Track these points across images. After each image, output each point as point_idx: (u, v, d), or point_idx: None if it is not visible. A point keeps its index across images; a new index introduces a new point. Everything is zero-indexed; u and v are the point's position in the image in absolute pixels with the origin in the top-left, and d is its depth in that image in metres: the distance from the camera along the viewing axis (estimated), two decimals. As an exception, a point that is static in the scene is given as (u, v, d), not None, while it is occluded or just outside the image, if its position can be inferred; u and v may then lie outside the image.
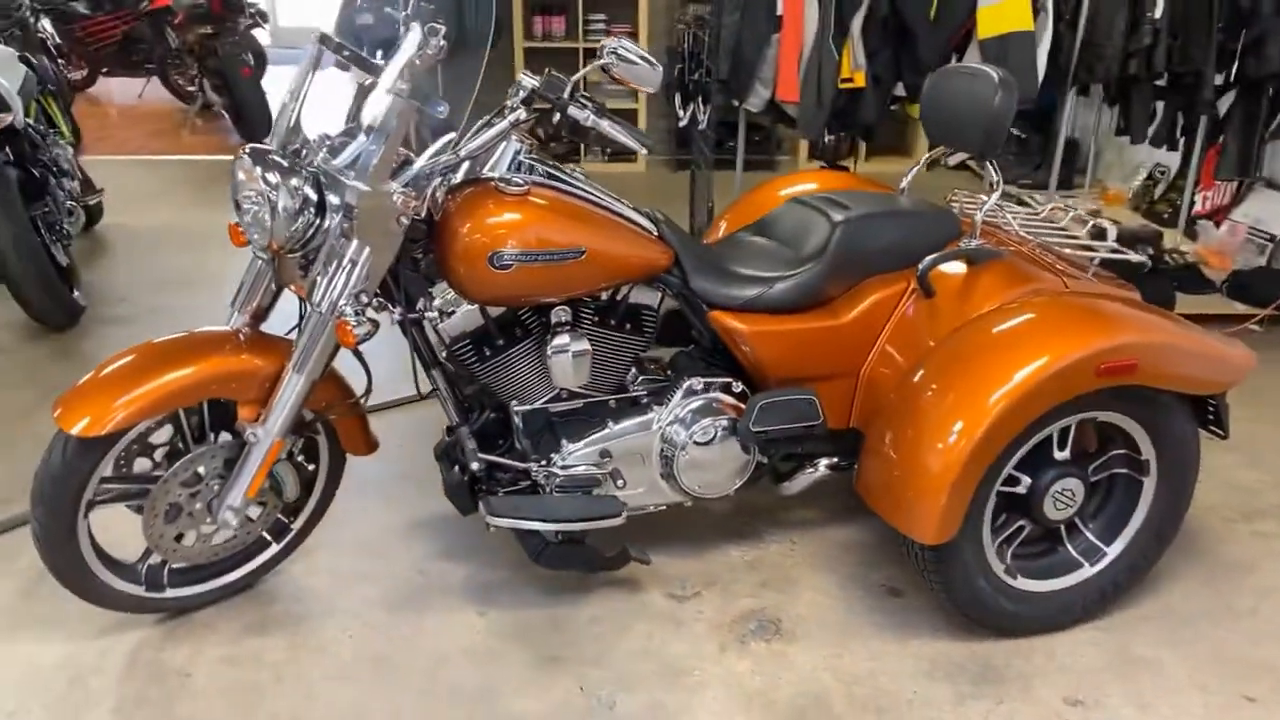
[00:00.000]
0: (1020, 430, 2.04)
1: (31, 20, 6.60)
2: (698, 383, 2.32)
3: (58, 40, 8.31)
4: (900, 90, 3.71)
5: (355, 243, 1.97)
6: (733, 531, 2.63)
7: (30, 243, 3.63)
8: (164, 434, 2.17)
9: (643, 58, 2.05)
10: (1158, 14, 3.57)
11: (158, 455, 2.18)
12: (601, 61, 2.05)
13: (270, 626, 2.27)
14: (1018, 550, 2.25)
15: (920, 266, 2.29)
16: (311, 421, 2.27)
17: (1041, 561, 2.28)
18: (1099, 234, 2.57)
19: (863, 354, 2.39)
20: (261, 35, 8.01)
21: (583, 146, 6.53)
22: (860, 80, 3.57)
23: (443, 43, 2.20)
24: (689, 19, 4.34)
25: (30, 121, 4.15)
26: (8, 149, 3.64)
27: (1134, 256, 2.50)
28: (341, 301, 1.98)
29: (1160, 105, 4.20)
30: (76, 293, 3.97)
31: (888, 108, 3.74)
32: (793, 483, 2.48)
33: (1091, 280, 2.39)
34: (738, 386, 2.35)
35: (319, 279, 2.01)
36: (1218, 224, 4.68)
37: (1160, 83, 3.95)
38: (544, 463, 2.26)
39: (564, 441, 2.26)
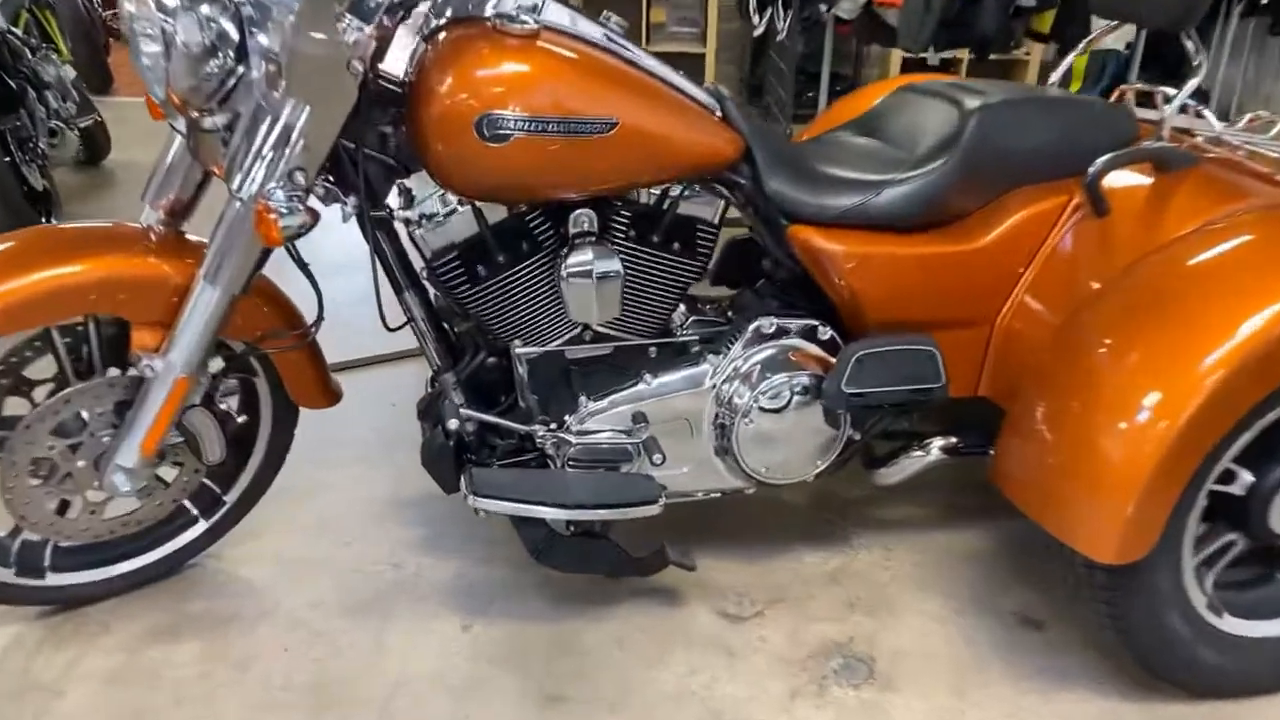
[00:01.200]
0: (1247, 410, 1.37)
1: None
2: (768, 324, 1.69)
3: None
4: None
5: (287, 101, 1.37)
6: (809, 531, 1.99)
7: None
8: (45, 368, 1.60)
9: None
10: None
11: (39, 395, 1.62)
12: None
13: (183, 631, 1.70)
14: (1222, 576, 1.57)
15: (1091, 170, 1.63)
16: (243, 357, 1.69)
17: (1255, 593, 1.60)
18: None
19: (1000, 293, 1.74)
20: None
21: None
22: (981, -18, 2.89)
23: None
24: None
25: (14, 30, 3.67)
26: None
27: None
28: (266, 182, 1.39)
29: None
30: (53, 220, 3.47)
31: (1011, 16, 3.04)
32: (892, 469, 1.83)
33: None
34: (825, 331, 1.71)
35: (238, 152, 1.42)
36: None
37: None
38: (555, 426, 1.64)
39: (583, 398, 1.65)
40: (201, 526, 1.81)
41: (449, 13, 1.51)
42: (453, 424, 1.62)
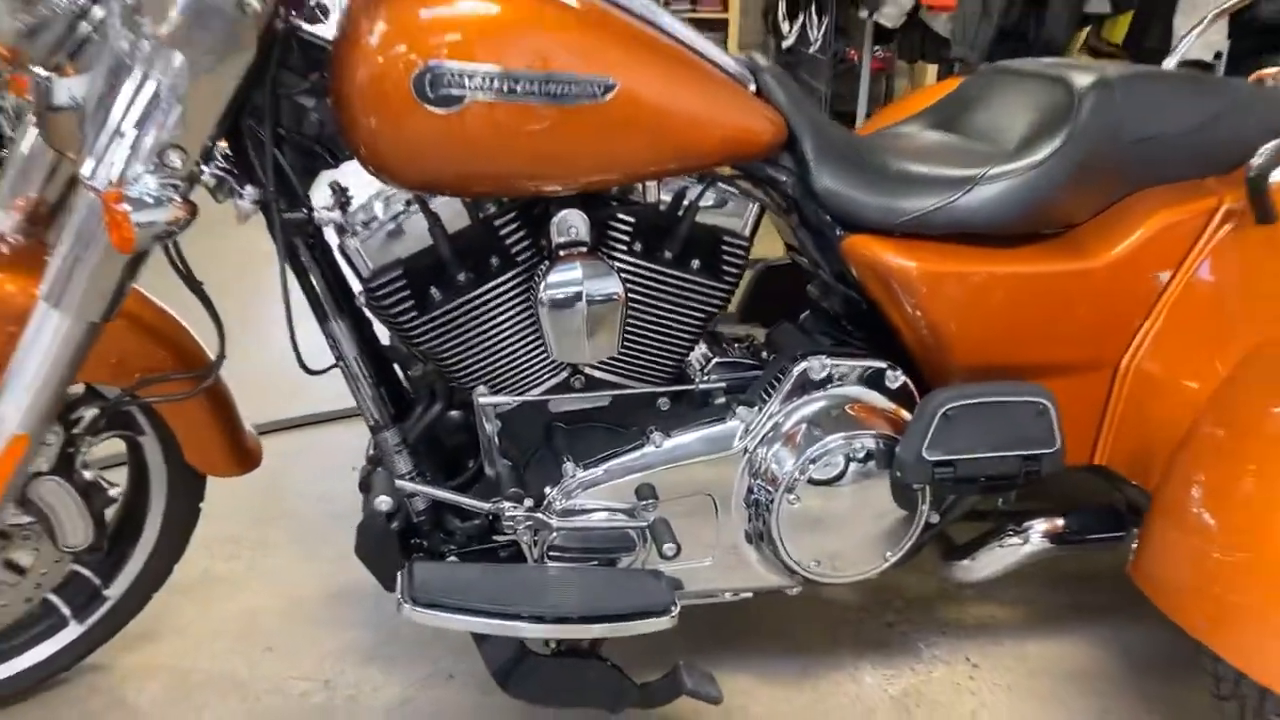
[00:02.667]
0: None
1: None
2: (819, 367, 1.26)
3: None
4: (1102, 3, 2.60)
5: (158, 50, 0.98)
6: (864, 641, 1.54)
7: None
8: None
9: None
10: None
11: None
12: None
13: (31, 776, 1.26)
14: None
15: (1255, 163, 1.21)
16: (115, 406, 1.27)
17: None
18: None
19: (1126, 328, 1.32)
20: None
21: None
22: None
23: None
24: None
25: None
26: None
27: None
28: (126, 166, 0.99)
29: None
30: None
31: (1080, 23, 2.65)
32: (980, 561, 1.40)
33: None
34: (896, 377, 1.29)
35: (93, 126, 1.02)
36: None
37: None
38: (531, 503, 1.21)
39: (570, 465, 1.23)
40: (75, 630, 1.38)
41: (389, -57, 1.12)
42: (385, 502, 1.20)
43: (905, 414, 1.25)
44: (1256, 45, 2.61)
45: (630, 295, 1.21)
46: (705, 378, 1.33)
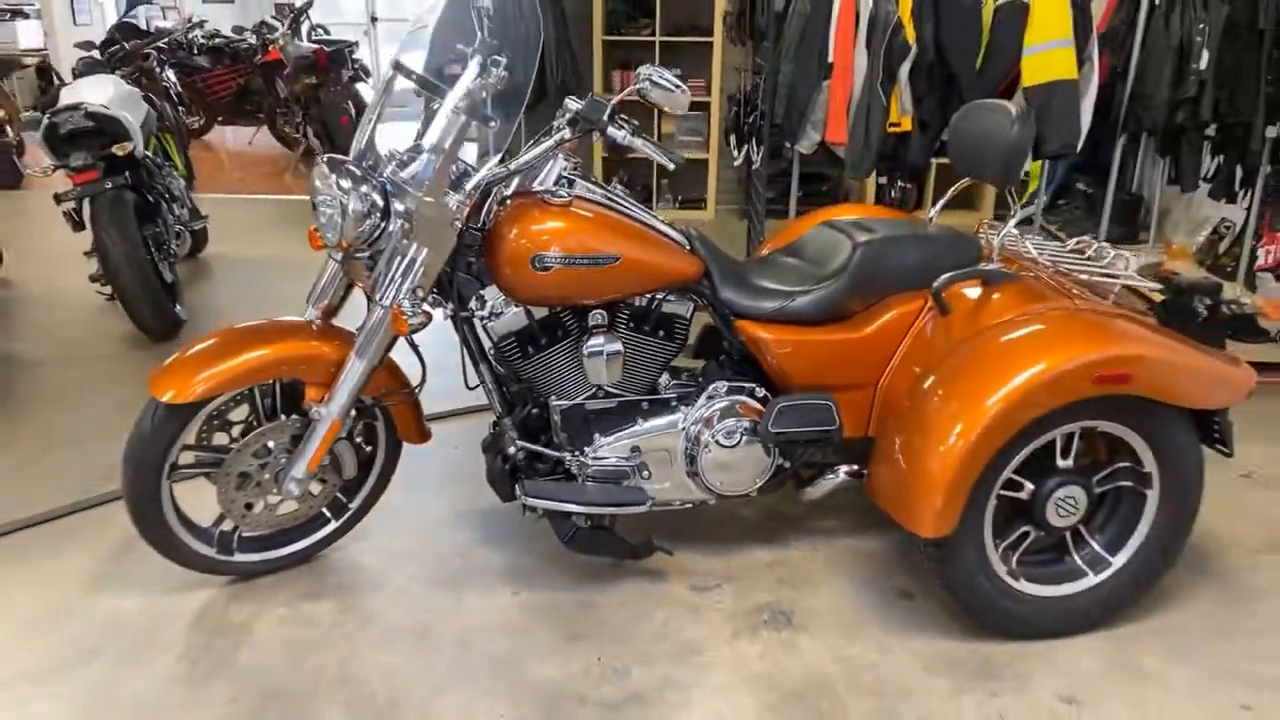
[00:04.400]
0: (1016, 433, 2.16)
1: (157, 70, 7.23)
2: (722, 386, 2.50)
3: (179, 90, 9.02)
4: (947, 135, 3.87)
5: (414, 244, 2.22)
6: (759, 535, 2.78)
7: (140, 259, 4.02)
8: (241, 413, 2.44)
9: (674, 84, 2.26)
10: (1202, 65, 3.68)
11: (235, 431, 2.45)
12: (638, 86, 2.27)
13: (324, 594, 2.50)
14: (1026, 557, 2.35)
15: (935, 284, 2.44)
16: (370, 406, 2.52)
17: (1049, 569, 2.38)
18: (1121, 265, 2.67)
19: (881, 366, 2.54)
20: (363, 88, 8.56)
21: (655, 192, 6.84)
22: (907, 124, 3.75)
23: (504, 73, 2.48)
24: (746, 66, 4.58)
25: (149, 154, 4.60)
26: (128, 174, 4.05)
27: (1151, 285, 2.60)
28: (399, 295, 2.23)
29: (1221, 158, 4.28)
30: (179, 307, 4.35)
31: (934, 151, 3.90)
32: (814, 488, 2.62)
33: (1107, 305, 2.50)
34: (760, 392, 2.52)
35: (381, 276, 2.27)
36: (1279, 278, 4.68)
37: (1210, 133, 4.03)
38: (578, 453, 2.45)
39: (597, 435, 2.46)
40: (333, 525, 2.62)
41: (514, 187, 2.38)
42: (510, 451, 2.43)
43: (763, 410, 2.49)
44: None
45: (627, 350, 2.45)
46: (667, 391, 2.56)
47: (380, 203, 2.22)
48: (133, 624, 2.37)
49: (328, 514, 2.61)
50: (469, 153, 2.43)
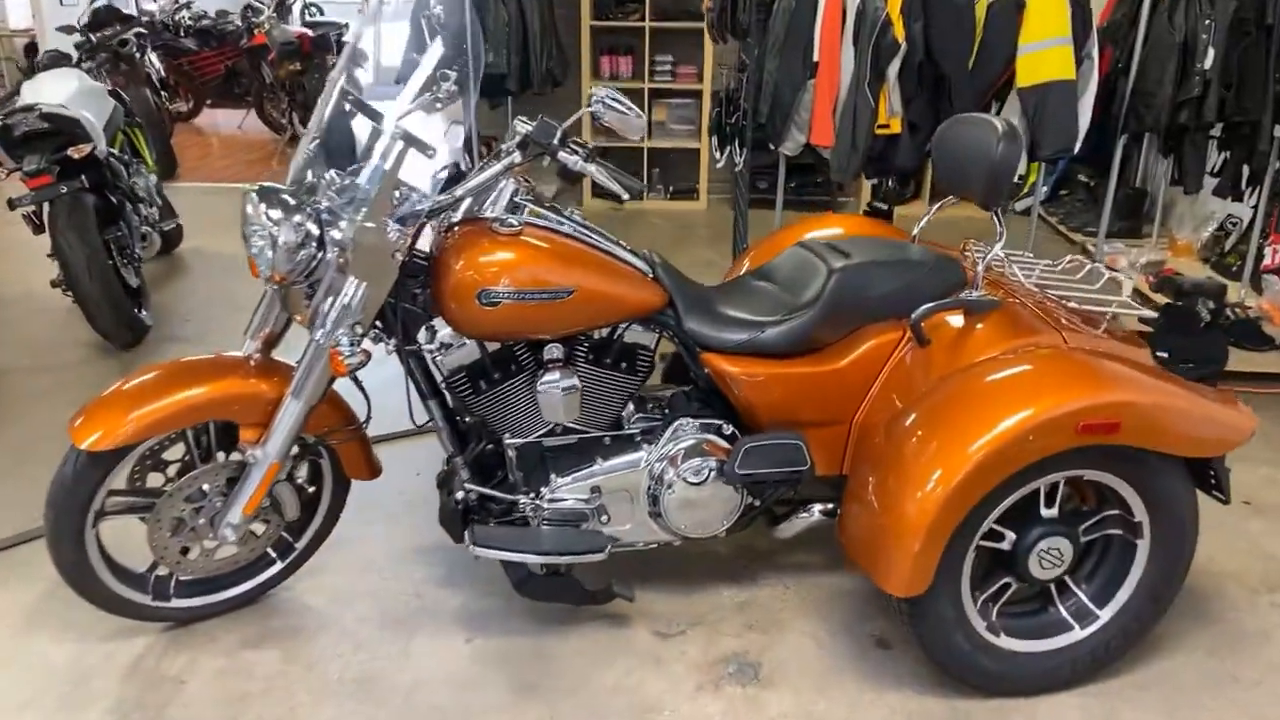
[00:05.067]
0: (999, 483, 2.01)
1: (138, 55, 7.05)
2: (688, 423, 2.35)
3: (163, 74, 8.84)
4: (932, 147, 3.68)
5: (350, 278, 2.07)
6: (727, 573, 2.64)
7: (101, 264, 3.87)
8: (179, 450, 2.30)
9: (629, 107, 2.11)
10: (1207, 64, 3.50)
11: (171, 471, 2.31)
12: (590, 108, 2.11)
13: (267, 640, 2.37)
14: (1006, 608, 2.21)
15: (913, 315, 2.28)
16: (313, 445, 2.37)
17: (1030, 621, 2.24)
18: (1114, 289, 2.51)
19: (856, 401, 2.39)
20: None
21: (645, 182, 6.66)
22: (896, 126, 3.57)
23: (453, 88, 2.31)
24: (730, 63, 4.40)
25: (114, 151, 4.44)
26: (83, 177, 3.89)
27: (1146, 312, 2.44)
28: (337, 332, 2.08)
29: (1227, 154, 4.10)
30: (144, 312, 4.21)
31: (925, 153, 3.72)
32: (786, 526, 2.49)
33: (1098, 336, 2.35)
34: (728, 428, 2.37)
35: (318, 310, 2.12)
36: (1286, 279, 4.51)
37: (1216, 133, 3.84)
38: (533, 495, 2.31)
39: (554, 475, 2.32)
40: (278, 566, 2.49)
41: (460, 214, 2.22)
42: (460, 494, 2.29)
43: (730, 449, 2.34)
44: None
45: (586, 384, 2.30)
46: (630, 425, 2.41)
47: (315, 232, 2.07)
48: (63, 673, 2.25)
49: (273, 554, 2.48)
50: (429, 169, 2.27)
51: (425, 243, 2.23)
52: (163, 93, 8.72)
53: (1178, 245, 5.31)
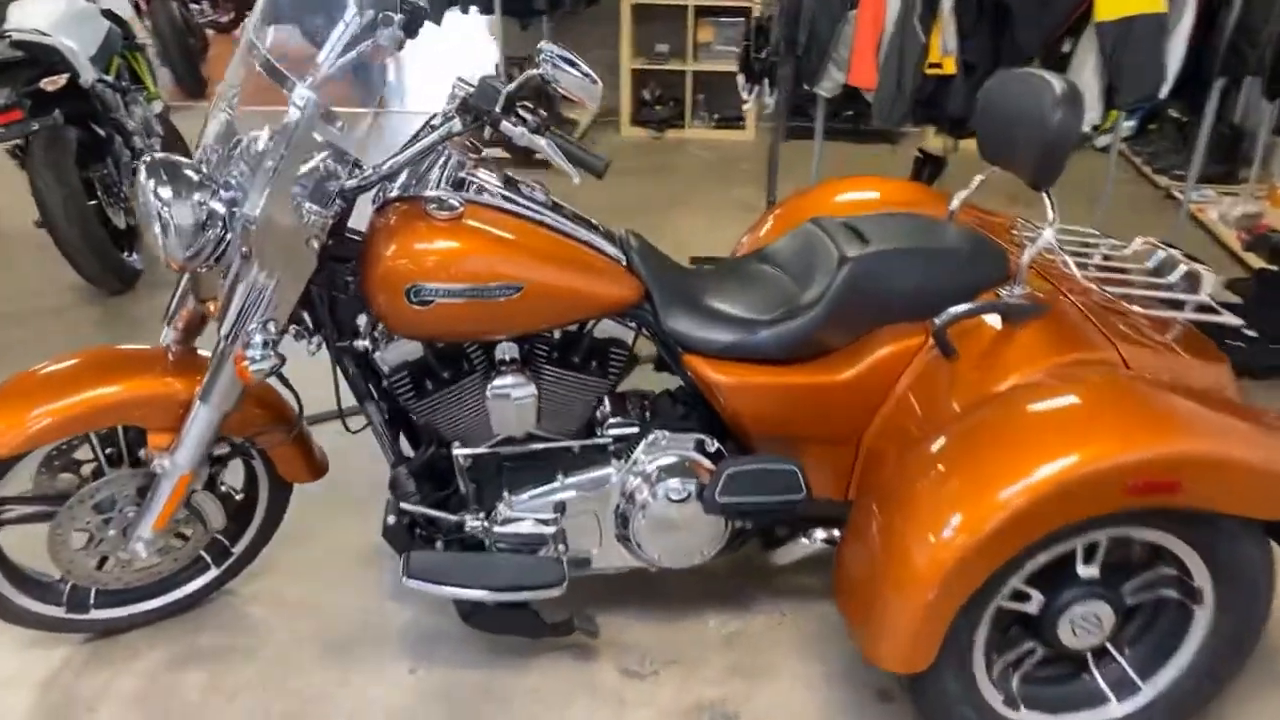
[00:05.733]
0: (1032, 541, 1.64)
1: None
2: (664, 437, 2.01)
3: (199, -18, 8.50)
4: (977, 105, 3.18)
5: (256, 267, 1.75)
6: (717, 595, 2.32)
7: (79, 206, 3.61)
8: (87, 451, 2.04)
9: (584, 72, 1.73)
10: (1329, -5, 2.93)
11: (85, 470, 2.05)
12: (539, 71, 1.73)
13: (193, 660, 2.13)
14: (1030, 672, 1.86)
15: (937, 321, 1.89)
16: (240, 447, 2.10)
17: (1059, 690, 1.89)
18: (1191, 284, 2.07)
19: (864, 418, 2.02)
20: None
21: (688, 112, 6.18)
22: (950, 67, 3.09)
23: (398, 34, 1.95)
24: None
25: (107, 79, 4.14)
26: (58, 111, 3.60)
27: (1229, 319, 2.00)
28: (247, 328, 1.77)
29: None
30: (134, 255, 3.97)
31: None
32: (783, 552, 2.16)
33: (1166, 348, 1.93)
34: (712, 445, 2.03)
35: (225, 304, 1.81)
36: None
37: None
38: (485, 515, 2.01)
39: (509, 492, 2.01)
40: (213, 573, 2.24)
41: (394, 190, 1.87)
42: (395, 514, 2.00)
43: (714, 469, 1.99)
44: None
45: (549, 387, 1.97)
46: (605, 432, 2.07)
47: (220, 210, 1.75)
48: (-30, 691, 2.05)
49: (206, 558, 2.23)
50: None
51: (362, 220, 1.89)
52: (197, 3, 8.41)
53: (1277, 194, 4.71)
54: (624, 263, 1.96)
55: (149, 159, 1.75)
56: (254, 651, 2.16)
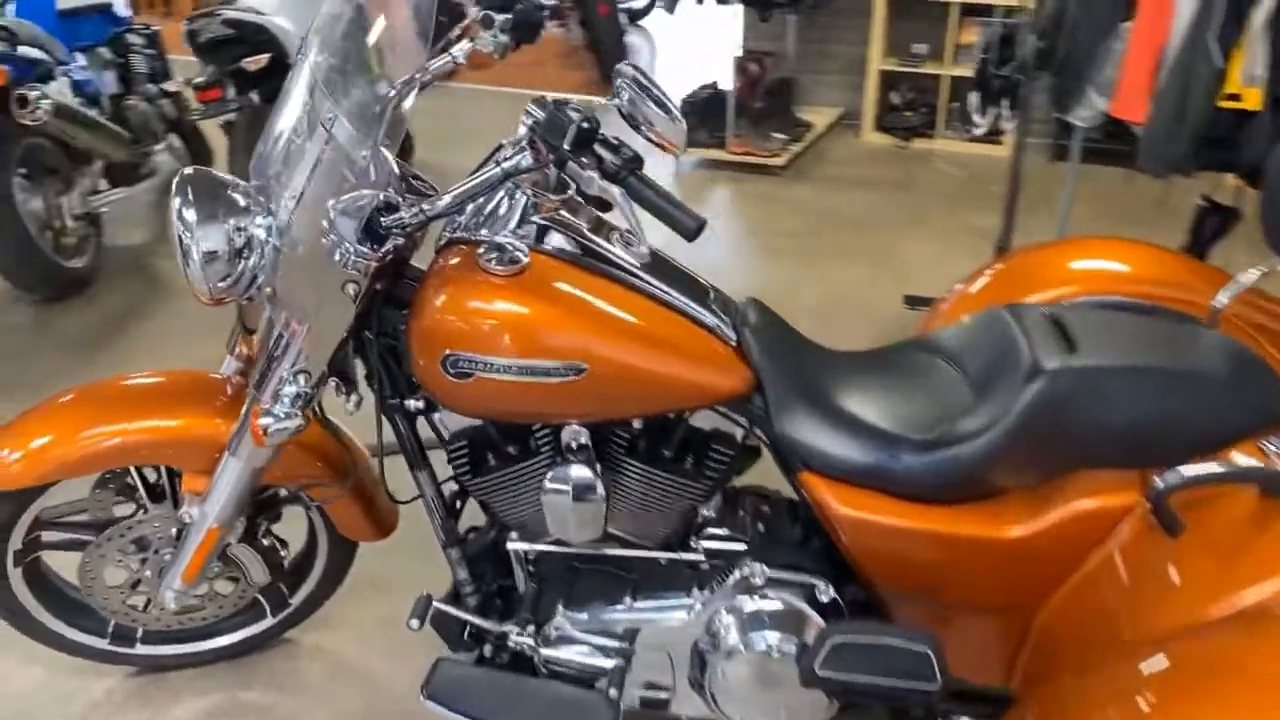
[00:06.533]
0: None
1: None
2: (758, 572, 1.56)
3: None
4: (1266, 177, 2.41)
5: (284, 315, 1.47)
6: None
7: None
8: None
9: (664, 103, 1.30)
10: None
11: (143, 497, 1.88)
12: (613, 101, 1.32)
13: (233, 716, 1.93)
14: None
15: (1159, 482, 1.31)
16: (289, 498, 1.85)
17: None
18: None
19: (1041, 589, 1.48)
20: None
21: (939, 120, 5.50)
22: (1254, 101, 2.36)
23: (502, 39, 1.61)
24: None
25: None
26: (254, 91, 3.57)
27: None
28: (276, 378, 1.50)
29: None
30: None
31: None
32: (913, 732, 1.65)
33: None
34: (825, 593, 1.56)
35: (259, 352, 1.55)
36: None
37: None
38: (534, 628, 1.65)
39: (563, 604, 1.64)
40: (269, 621, 2.03)
41: (453, 231, 1.53)
42: (420, 620, 1.66)
43: (824, 625, 1.52)
44: None
45: (625, 485, 1.57)
46: (698, 544, 1.65)
47: (262, 237, 1.47)
48: (12, 705, 1.94)
49: (264, 604, 2.01)
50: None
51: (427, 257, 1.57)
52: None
53: None
54: (733, 342, 1.51)
55: (181, 173, 1.50)
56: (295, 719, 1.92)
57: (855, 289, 3.77)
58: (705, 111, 5.18)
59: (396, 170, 1.47)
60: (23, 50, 3.43)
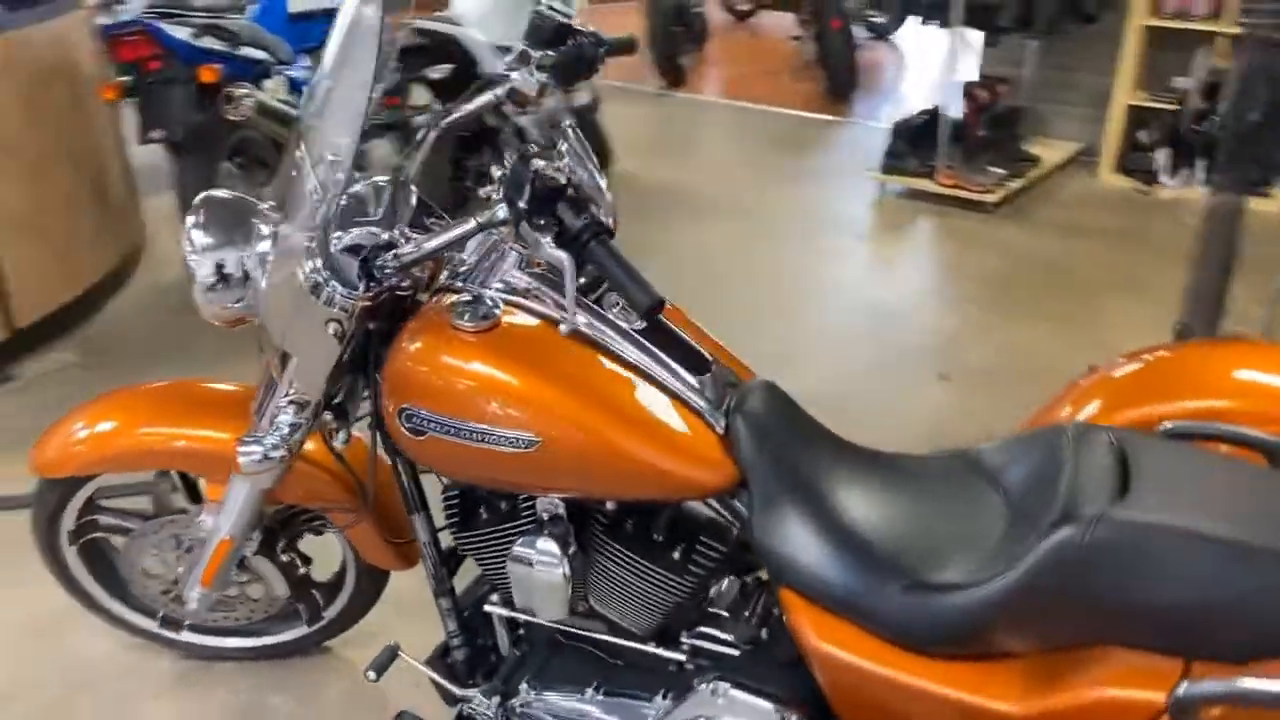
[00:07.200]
0: None
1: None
2: (724, 690, 1.38)
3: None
4: None
5: (268, 352, 1.46)
6: None
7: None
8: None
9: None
10: None
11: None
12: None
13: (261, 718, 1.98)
14: None
15: (1179, 692, 1.03)
16: (304, 525, 1.86)
17: None
18: None
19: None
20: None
21: (1203, 171, 4.85)
22: None
23: (533, 79, 1.54)
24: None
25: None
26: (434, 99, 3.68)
27: None
28: (272, 405, 1.50)
29: None
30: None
31: None
32: None
33: None
34: (792, 722, 1.35)
35: (260, 382, 1.55)
36: None
37: None
38: (498, 698, 1.55)
39: (528, 677, 1.53)
40: (303, 630, 2.05)
41: (452, 276, 1.45)
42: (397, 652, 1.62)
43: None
44: None
45: (602, 564, 1.44)
46: (686, 641, 1.49)
47: (254, 266, 1.48)
48: (77, 671, 2.09)
49: (302, 614, 2.04)
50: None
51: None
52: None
53: None
54: (719, 430, 1.34)
55: (203, 197, 1.52)
56: (302, 739, 1.94)
57: (1030, 354, 3.36)
58: (917, 138, 4.85)
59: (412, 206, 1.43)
60: (244, 51, 3.73)
